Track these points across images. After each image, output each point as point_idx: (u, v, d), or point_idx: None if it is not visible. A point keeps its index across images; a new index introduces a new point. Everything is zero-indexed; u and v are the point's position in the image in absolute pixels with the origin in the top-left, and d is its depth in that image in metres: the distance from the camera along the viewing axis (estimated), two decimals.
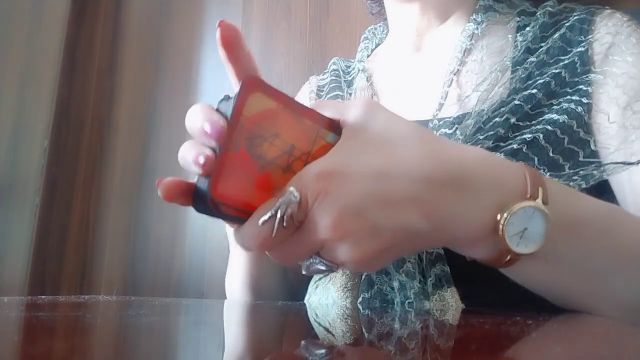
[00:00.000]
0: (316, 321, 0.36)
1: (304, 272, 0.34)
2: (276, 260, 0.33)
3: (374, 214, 0.30)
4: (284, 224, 0.30)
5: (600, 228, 0.38)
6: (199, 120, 0.30)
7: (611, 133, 0.49)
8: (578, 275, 0.38)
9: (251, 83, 0.31)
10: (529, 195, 0.33)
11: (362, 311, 0.41)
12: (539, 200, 0.33)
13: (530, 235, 0.34)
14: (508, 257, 0.35)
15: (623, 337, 0.30)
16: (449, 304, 0.43)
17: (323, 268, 0.33)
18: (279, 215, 0.30)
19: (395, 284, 0.46)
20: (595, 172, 0.47)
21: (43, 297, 0.47)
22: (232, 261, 0.59)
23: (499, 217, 0.33)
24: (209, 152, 0.30)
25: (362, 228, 0.30)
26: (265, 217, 0.30)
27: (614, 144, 0.48)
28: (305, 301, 0.54)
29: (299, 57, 1.05)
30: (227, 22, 0.32)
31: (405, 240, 0.32)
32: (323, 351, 0.22)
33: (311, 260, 0.33)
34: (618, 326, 0.35)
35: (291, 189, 0.30)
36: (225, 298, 0.62)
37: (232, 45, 0.33)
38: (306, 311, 0.42)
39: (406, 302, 0.45)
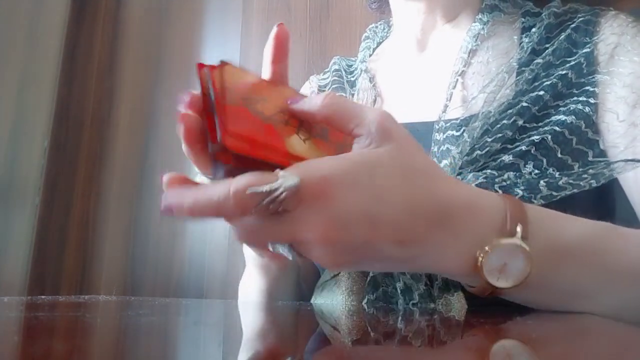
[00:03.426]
0: (322, 318, 0.36)
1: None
2: (239, 238, 0.32)
3: (357, 230, 0.31)
4: (272, 205, 0.29)
5: (590, 251, 0.38)
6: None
7: (620, 132, 0.49)
8: (570, 297, 0.38)
9: (223, 64, 0.33)
10: (507, 232, 0.34)
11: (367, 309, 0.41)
12: (517, 237, 0.34)
13: (510, 270, 0.34)
14: (490, 290, 0.35)
15: (623, 337, 0.30)
16: (455, 307, 0.43)
17: (289, 257, 0.33)
18: (274, 195, 0.28)
19: (399, 285, 0.45)
20: (605, 170, 0.47)
21: (43, 297, 0.47)
22: (248, 276, 0.60)
23: (477, 253, 0.34)
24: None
25: (343, 241, 0.31)
26: (257, 190, 0.28)
27: (624, 142, 0.49)
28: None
29: (299, 57, 1.05)
30: (285, 27, 0.37)
31: (376, 260, 0.34)
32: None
33: (280, 247, 0.33)
34: (618, 326, 0.35)
35: (294, 176, 0.29)
36: (225, 298, 0.62)
37: (282, 43, 0.37)
38: (308, 311, 0.42)
39: (410, 303, 0.45)
